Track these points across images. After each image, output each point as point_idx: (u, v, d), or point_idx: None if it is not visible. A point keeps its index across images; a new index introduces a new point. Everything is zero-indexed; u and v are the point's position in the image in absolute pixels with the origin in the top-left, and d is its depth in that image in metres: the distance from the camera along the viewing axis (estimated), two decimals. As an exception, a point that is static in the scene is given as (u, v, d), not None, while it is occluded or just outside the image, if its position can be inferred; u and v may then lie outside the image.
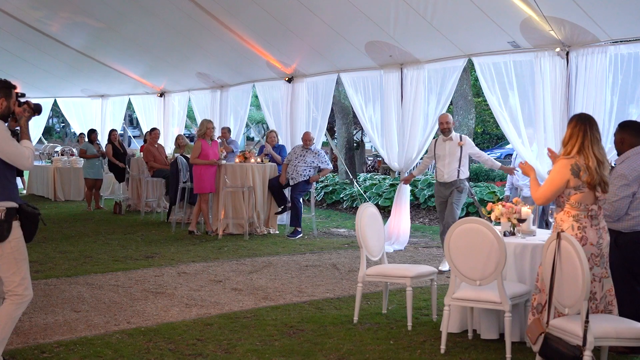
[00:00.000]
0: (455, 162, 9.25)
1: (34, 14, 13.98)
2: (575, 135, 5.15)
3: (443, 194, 9.41)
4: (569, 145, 5.17)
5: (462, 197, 9.41)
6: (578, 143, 5.12)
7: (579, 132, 5.14)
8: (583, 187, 5.05)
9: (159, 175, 13.97)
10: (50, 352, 5.55)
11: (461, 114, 17.82)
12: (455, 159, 9.26)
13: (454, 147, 9.26)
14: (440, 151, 9.39)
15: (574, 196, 5.08)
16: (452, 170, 9.27)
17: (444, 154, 9.33)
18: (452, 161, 9.26)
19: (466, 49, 9.63)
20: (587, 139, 5.10)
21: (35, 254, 9.89)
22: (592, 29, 7.80)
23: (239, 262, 9.51)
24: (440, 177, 9.44)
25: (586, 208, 5.07)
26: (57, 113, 29.94)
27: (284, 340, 5.95)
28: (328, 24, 10.48)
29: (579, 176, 5.04)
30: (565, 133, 5.27)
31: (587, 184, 5.04)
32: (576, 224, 5.05)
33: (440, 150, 9.39)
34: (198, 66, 14.87)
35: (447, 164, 9.29)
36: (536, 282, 5.31)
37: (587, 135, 5.11)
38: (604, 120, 8.04)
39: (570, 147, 5.16)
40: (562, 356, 4.65)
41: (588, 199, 5.06)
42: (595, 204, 5.09)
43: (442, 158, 9.36)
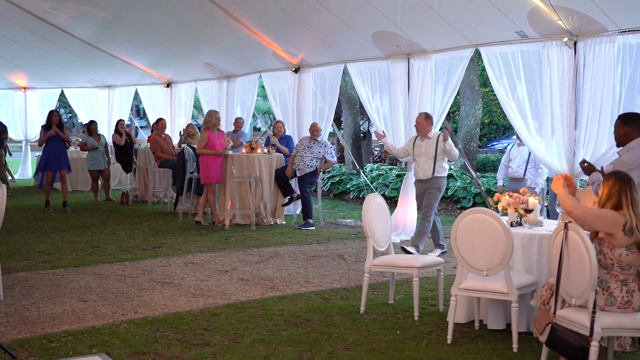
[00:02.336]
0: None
1: (40, 5, 13.97)
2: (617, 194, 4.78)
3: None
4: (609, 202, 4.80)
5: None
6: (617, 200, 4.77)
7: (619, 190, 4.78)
8: (632, 248, 4.68)
9: (166, 165, 13.99)
10: (58, 342, 5.57)
11: (468, 104, 17.77)
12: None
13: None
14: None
15: (626, 257, 4.67)
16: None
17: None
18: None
19: (473, 39, 9.59)
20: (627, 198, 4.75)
21: (43, 244, 9.94)
22: (601, 19, 7.75)
23: (246, 253, 9.53)
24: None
25: (636, 271, 4.73)
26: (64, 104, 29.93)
27: (291, 330, 5.97)
28: (335, 14, 10.45)
29: (633, 234, 4.66)
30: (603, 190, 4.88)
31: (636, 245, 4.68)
32: (625, 287, 4.71)
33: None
34: (205, 56, 14.85)
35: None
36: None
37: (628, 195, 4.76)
38: (612, 110, 8.00)
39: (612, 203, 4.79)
40: (569, 347, 4.64)
41: (637, 261, 4.70)
42: None
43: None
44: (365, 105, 11.77)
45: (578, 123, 8.33)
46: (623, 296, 4.70)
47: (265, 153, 12.20)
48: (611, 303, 4.69)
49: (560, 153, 8.56)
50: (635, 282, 4.73)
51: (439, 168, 9.41)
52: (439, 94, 10.43)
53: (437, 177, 9.42)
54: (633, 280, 4.73)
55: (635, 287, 4.72)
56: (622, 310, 4.69)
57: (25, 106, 20.75)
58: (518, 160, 10.39)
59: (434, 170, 9.38)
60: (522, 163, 10.31)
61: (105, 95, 19.92)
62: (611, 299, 4.69)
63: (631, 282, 4.73)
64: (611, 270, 4.73)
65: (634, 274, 4.74)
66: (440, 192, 9.52)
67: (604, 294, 4.70)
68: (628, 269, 4.71)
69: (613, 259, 4.70)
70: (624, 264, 4.70)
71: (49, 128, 13.54)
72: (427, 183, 9.44)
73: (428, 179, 9.41)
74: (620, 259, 4.68)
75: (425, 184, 9.48)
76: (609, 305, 4.69)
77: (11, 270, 8.15)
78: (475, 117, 17.66)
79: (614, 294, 4.69)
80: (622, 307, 4.69)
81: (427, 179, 9.42)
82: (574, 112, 8.35)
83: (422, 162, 9.47)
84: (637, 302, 4.71)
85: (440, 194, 9.57)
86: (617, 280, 4.72)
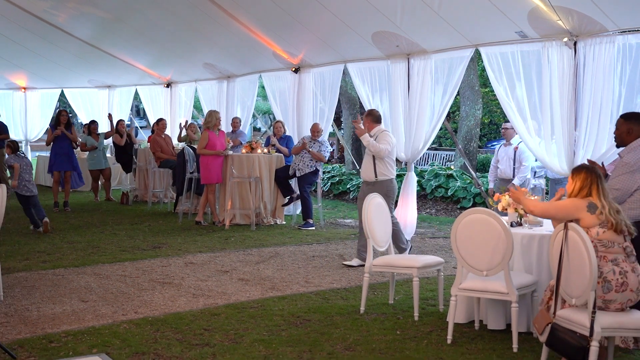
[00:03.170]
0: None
1: (40, 5, 13.97)
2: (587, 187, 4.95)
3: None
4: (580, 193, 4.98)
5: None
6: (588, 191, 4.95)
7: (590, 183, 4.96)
8: (604, 225, 4.82)
9: (166, 165, 13.99)
10: (58, 342, 5.58)
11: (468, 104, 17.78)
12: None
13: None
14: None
15: (602, 234, 4.80)
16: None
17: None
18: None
19: (473, 39, 9.59)
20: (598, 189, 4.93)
21: (43, 244, 9.94)
22: (600, 19, 7.75)
23: (246, 253, 9.53)
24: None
25: (620, 246, 4.81)
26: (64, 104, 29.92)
27: (291, 330, 5.97)
28: (335, 14, 10.45)
29: (596, 213, 4.83)
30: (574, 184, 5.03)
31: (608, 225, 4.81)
32: (617, 268, 4.74)
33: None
34: (205, 57, 14.85)
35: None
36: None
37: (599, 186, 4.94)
38: (611, 110, 8.00)
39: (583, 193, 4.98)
40: (569, 347, 4.65)
41: (618, 238, 4.82)
42: (626, 241, 4.85)
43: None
44: (365, 105, 11.75)
45: (578, 123, 8.32)
46: (617, 279, 4.72)
47: (265, 153, 12.21)
48: (608, 289, 4.71)
49: (560, 153, 8.55)
50: (626, 262, 4.79)
51: (382, 169, 8.69)
52: (439, 94, 10.43)
53: (382, 181, 8.67)
54: (623, 260, 4.79)
55: (628, 268, 4.76)
56: (620, 293, 4.70)
57: (25, 106, 20.74)
58: (505, 160, 10.28)
59: (375, 172, 8.67)
60: (509, 163, 10.20)
61: (105, 95, 19.92)
62: (607, 284, 4.72)
63: (621, 261, 4.78)
64: (597, 252, 4.77)
65: (621, 252, 4.81)
66: (388, 197, 8.49)
67: (599, 282, 4.71)
68: (612, 246, 4.81)
69: (594, 240, 4.78)
70: (605, 241, 4.81)
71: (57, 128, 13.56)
72: (372, 187, 8.53)
73: (372, 182, 8.66)
74: (599, 237, 4.81)
75: (370, 187, 8.57)
76: (607, 292, 4.71)
77: (11, 270, 8.15)
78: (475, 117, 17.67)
79: (608, 278, 4.72)
80: (619, 290, 4.71)
81: (372, 182, 8.67)
82: (574, 112, 8.34)
83: (365, 162, 8.88)
84: (633, 283, 4.72)
85: (391, 199, 8.65)
86: (608, 261, 4.77)
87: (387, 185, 8.65)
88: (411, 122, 10.64)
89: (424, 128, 10.55)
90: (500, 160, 10.39)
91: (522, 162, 10.05)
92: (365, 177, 8.79)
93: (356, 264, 8.67)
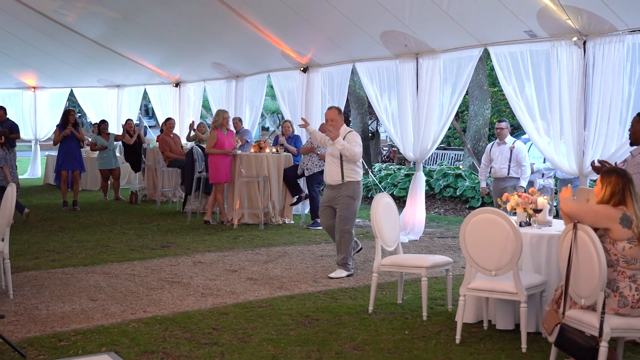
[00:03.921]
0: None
1: (50, 4, 14.02)
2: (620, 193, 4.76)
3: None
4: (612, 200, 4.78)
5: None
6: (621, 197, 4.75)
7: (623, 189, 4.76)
8: (633, 240, 4.65)
9: (175, 165, 14.02)
10: (67, 340, 5.60)
11: (477, 103, 17.75)
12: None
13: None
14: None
15: (628, 250, 4.65)
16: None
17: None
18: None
19: (482, 38, 9.57)
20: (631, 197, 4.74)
21: (52, 243, 9.98)
22: (610, 18, 7.73)
23: (254, 252, 9.54)
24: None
25: None
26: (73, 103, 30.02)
27: (299, 330, 5.97)
28: (343, 13, 10.45)
29: (631, 228, 4.63)
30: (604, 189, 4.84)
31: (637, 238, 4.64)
32: (634, 284, 4.66)
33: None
34: (213, 56, 14.87)
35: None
36: None
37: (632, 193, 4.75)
38: (621, 110, 7.98)
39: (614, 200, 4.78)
40: (578, 347, 4.63)
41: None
42: None
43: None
44: (373, 104, 11.76)
45: (587, 123, 8.29)
46: (634, 295, 4.65)
47: (273, 153, 12.21)
48: (624, 304, 4.64)
49: (569, 153, 8.53)
50: None
51: (349, 172, 8.04)
52: (448, 94, 10.41)
53: (349, 182, 8.05)
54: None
55: None
56: (636, 309, 4.65)
57: (34, 106, 20.84)
58: (500, 159, 10.17)
59: (343, 174, 8.04)
60: (505, 162, 10.12)
61: (115, 94, 19.98)
62: (623, 299, 4.65)
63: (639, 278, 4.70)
64: (617, 266, 4.70)
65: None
66: (354, 200, 8.10)
67: (615, 295, 4.66)
68: (634, 263, 4.68)
69: (617, 254, 4.69)
70: (629, 258, 4.68)
71: (65, 127, 13.61)
72: (338, 190, 8.07)
73: (338, 184, 8.05)
74: (624, 252, 4.67)
75: (335, 190, 8.10)
76: (622, 306, 4.64)
77: (21, 269, 8.19)
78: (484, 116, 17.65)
79: (625, 294, 4.65)
80: (635, 307, 4.65)
81: (337, 185, 8.06)
82: (583, 112, 8.31)
83: (328, 164, 8.20)
84: None
85: (356, 203, 8.18)
86: (625, 277, 4.69)
87: (354, 187, 8.08)
88: (420, 121, 10.63)
89: (433, 128, 10.55)
90: (494, 159, 10.27)
91: (521, 162, 9.98)
92: (331, 180, 8.09)
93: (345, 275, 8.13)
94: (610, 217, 4.69)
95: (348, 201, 8.06)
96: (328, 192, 8.23)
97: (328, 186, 8.24)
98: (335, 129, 8.05)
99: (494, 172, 10.29)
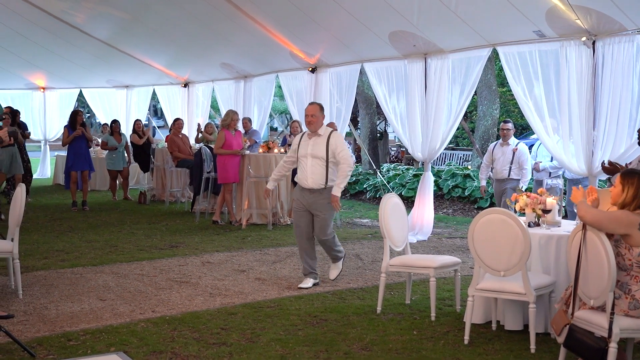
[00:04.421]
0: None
1: (59, 5, 14.07)
2: None
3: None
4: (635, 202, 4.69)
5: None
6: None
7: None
8: None
9: (183, 165, 14.05)
10: (76, 340, 5.61)
11: (485, 104, 17.72)
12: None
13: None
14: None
15: None
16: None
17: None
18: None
19: (491, 38, 9.55)
20: None
21: (61, 243, 10.01)
22: (619, 18, 7.70)
23: (263, 252, 9.54)
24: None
25: None
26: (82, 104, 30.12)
27: (308, 330, 5.97)
28: (352, 13, 10.45)
29: None
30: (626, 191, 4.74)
31: None
32: None
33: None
34: (222, 56, 14.90)
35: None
36: None
37: None
38: (630, 110, 7.96)
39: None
40: (587, 348, 4.61)
41: None
42: None
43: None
44: (382, 105, 11.75)
45: (596, 123, 8.27)
46: None
47: (282, 153, 12.21)
48: (635, 307, 4.61)
49: (578, 153, 8.50)
50: None
51: (332, 175, 7.47)
52: (456, 94, 10.40)
53: (331, 187, 7.47)
54: None
55: None
56: None
57: (44, 106, 20.92)
58: (502, 160, 10.12)
59: (327, 178, 7.45)
60: (507, 163, 10.07)
61: (123, 95, 20.04)
62: (634, 302, 4.61)
63: None
64: (630, 271, 4.67)
65: None
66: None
67: (626, 297, 4.63)
68: None
69: (632, 259, 4.64)
70: None
71: (73, 128, 13.66)
72: (319, 195, 7.45)
73: (320, 189, 7.43)
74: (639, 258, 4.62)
75: (315, 195, 7.46)
76: (633, 309, 4.61)
77: (30, 268, 8.22)
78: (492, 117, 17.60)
79: (637, 297, 4.61)
80: None
81: (319, 190, 7.43)
82: (592, 112, 8.29)
83: (309, 166, 7.45)
84: None
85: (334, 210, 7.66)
86: (638, 282, 4.65)
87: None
88: (428, 122, 10.62)
89: (441, 128, 10.53)
90: (495, 160, 10.21)
91: (523, 165, 9.94)
92: (313, 184, 7.42)
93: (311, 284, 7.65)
94: (631, 222, 4.62)
95: (330, 208, 7.51)
96: (305, 196, 7.51)
97: (306, 190, 7.50)
98: (315, 126, 7.51)
99: (494, 173, 10.25)
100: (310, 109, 7.63)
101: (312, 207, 7.53)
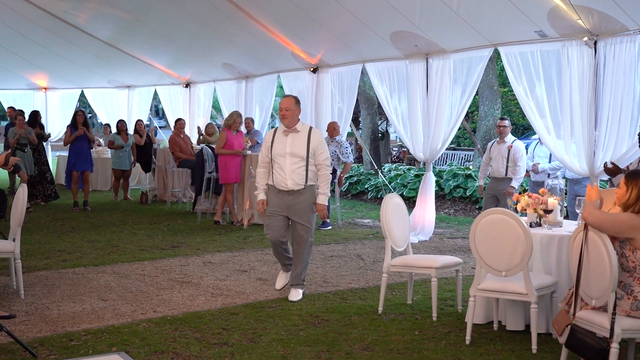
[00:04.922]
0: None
1: (60, 5, 14.08)
2: None
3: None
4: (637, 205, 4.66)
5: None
6: None
7: None
8: None
9: (185, 165, 14.06)
10: (78, 340, 5.62)
11: (487, 104, 17.72)
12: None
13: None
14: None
15: None
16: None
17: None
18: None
19: (492, 38, 9.55)
20: None
21: (63, 243, 10.02)
22: (621, 18, 7.69)
23: (264, 252, 9.54)
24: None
25: None
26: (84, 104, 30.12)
27: (309, 330, 5.97)
28: (353, 13, 10.44)
29: None
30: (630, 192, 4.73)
31: None
32: None
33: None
34: (223, 57, 14.90)
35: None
36: None
37: None
38: (632, 110, 7.95)
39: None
40: (589, 348, 4.61)
41: None
42: None
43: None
44: (383, 105, 11.76)
45: (598, 123, 8.26)
46: None
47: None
48: (637, 307, 4.60)
49: (580, 153, 8.50)
50: None
51: (312, 174, 7.00)
52: (458, 94, 10.40)
53: (311, 186, 7.04)
54: None
55: None
56: None
57: (45, 106, 20.89)
58: (499, 158, 10.02)
59: (307, 177, 6.98)
60: (503, 161, 9.96)
61: (125, 95, 20.04)
62: (636, 303, 4.60)
63: None
64: (634, 273, 4.65)
65: None
66: (314, 205, 7.08)
67: (628, 298, 4.62)
68: None
69: (635, 262, 4.63)
70: None
71: (76, 128, 13.68)
72: (298, 195, 6.97)
73: (300, 189, 6.95)
74: None
75: (294, 196, 6.97)
76: (635, 309, 4.60)
77: (32, 269, 8.22)
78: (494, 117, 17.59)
79: (639, 298, 4.61)
80: None
81: (298, 190, 6.96)
82: (594, 112, 8.28)
83: (287, 165, 6.93)
84: None
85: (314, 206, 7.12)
86: None
87: (313, 191, 7.06)
88: (430, 122, 10.62)
89: (443, 128, 10.53)
90: (492, 159, 10.13)
91: (517, 162, 9.84)
92: (293, 185, 6.92)
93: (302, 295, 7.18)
94: (635, 225, 4.60)
95: (311, 208, 7.06)
96: (284, 199, 6.99)
97: (284, 192, 6.99)
98: (289, 120, 6.99)
99: (492, 171, 10.16)
100: (284, 102, 7.05)
101: (292, 212, 7.02)
